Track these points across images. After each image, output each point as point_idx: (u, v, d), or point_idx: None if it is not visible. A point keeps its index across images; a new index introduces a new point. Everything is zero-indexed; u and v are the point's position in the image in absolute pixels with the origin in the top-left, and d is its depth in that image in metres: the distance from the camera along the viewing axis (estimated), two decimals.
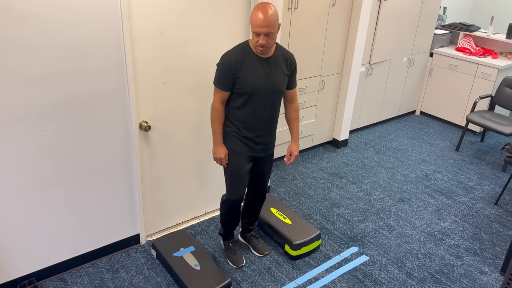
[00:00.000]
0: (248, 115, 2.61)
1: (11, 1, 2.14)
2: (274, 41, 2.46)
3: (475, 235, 3.54)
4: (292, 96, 2.76)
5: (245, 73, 2.51)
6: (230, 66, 2.50)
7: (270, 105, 2.63)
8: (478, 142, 5.17)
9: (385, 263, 3.18)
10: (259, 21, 2.36)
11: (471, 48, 5.35)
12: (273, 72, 2.57)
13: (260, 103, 2.59)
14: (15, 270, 2.71)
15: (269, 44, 2.44)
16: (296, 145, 2.84)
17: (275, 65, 2.57)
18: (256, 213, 3.14)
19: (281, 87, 2.62)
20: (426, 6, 5.08)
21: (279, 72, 2.59)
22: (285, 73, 2.63)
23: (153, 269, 3.00)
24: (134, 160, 2.90)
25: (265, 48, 2.45)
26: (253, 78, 2.52)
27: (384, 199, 3.94)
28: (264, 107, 2.61)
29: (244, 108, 2.60)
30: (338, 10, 4.13)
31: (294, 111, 2.80)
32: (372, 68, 4.89)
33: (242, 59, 2.50)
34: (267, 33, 2.39)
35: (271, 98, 2.61)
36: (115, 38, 2.54)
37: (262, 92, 2.56)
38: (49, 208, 2.68)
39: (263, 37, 2.40)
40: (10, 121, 2.35)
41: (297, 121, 2.83)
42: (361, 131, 5.29)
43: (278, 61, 2.59)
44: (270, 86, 2.57)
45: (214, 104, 2.62)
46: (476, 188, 4.20)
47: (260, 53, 2.51)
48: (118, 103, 2.70)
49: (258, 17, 2.36)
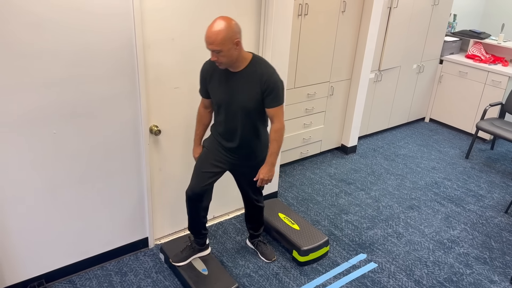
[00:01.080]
0: (220, 124, 2.64)
1: (26, 6, 2.17)
2: (228, 58, 2.34)
3: (485, 244, 3.51)
4: (271, 115, 2.53)
5: (212, 84, 2.53)
6: (203, 75, 2.58)
7: (240, 120, 2.55)
8: (488, 150, 5.13)
9: (393, 271, 3.16)
10: (206, 37, 2.29)
11: (481, 55, 5.33)
12: (238, 88, 2.47)
13: (229, 116, 2.56)
14: (25, 272, 2.73)
15: (221, 61, 2.34)
16: (265, 168, 2.63)
17: (243, 81, 2.46)
18: (256, 221, 3.12)
19: (247, 105, 2.48)
20: (436, 13, 5.08)
21: (246, 89, 2.46)
22: (256, 91, 2.46)
23: (161, 272, 3.01)
24: (144, 163, 2.92)
25: (221, 64, 2.38)
26: (218, 91, 2.52)
27: (393, 206, 3.92)
28: (234, 121, 2.56)
29: (217, 117, 2.65)
30: (348, 17, 4.14)
31: (272, 132, 2.57)
32: (382, 74, 4.88)
33: (212, 71, 2.52)
34: (214, 50, 2.29)
35: (239, 113, 2.53)
36: (127, 43, 2.57)
37: (227, 105, 2.52)
38: (59, 211, 2.70)
39: (212, 53, 2.32)
40: (22, 124, 2.38)
41: (274, 143, 2.57)
42: (370, 137, 5.28)
43: (249, 77, 2.45)
44: (233, 102, 2.50)
45: (198, 107, 2.77)
46: (486, 196, 4.17)
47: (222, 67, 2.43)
48: (129, 107, 2.73)
49: (206, 33, 2.28)
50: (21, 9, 2.16)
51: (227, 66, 2.43)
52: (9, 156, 2.40)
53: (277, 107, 2.51)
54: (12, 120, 2.34)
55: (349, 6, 4.08)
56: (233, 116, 2.56)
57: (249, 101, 2.49)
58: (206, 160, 2.73)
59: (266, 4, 3.07)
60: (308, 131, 4.40)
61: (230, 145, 2.66)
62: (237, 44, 2.33)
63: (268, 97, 2.48)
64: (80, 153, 2.64)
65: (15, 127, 2.36)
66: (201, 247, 3.00)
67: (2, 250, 2.58)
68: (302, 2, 3.72)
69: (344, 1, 4.01)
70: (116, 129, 2.73)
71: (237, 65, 2.44)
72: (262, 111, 2.56)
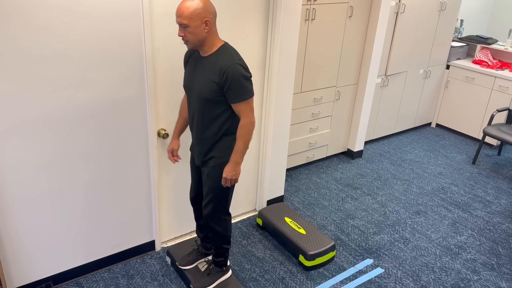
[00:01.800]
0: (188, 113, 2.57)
1: (39, 12, 2.20)
2: (195, 37, 2.23)
3: (492, 250, 3.48)
4: (237, 111, 2.36)
5: (185, 69, 2.50)
6: (184, 60, 2.55)
7: (198, 109, 2.40)
8: (495, 156, 5.11)
9: (400, 276, 3.15)
10: (176, 10, 2.23)
11: (488, 61, 5.32)
12: (200, 74, 2.36)
13: (190, 104, 2.48)
14: (33, 274, 2.75)
15: (187, 38, 2.24)
16: (228, 166, 2.42)
17: (204, 67, 2.34)
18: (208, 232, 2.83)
19: (203, 94, 2.33)
20: (443, 19, 5.08)
21: (205, 77, 2.33)
22: (213, 80, 2.29)
23: (168, 276, 3.02)
24: (152, 167, 2.94)
25: (187, 43, 2.26)
26: (185, 76, 2.48)
27: (400, 211, 3.91)
28: (192, 109, 2.46)
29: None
30: (355, 22, 4.15)
31: (238, 129, 2.39)
32: (388, 79, 4.88)
33: (189, 55, 2.48)
34: (181, 24, 2.20)
35: (197, 102, 2.38)
36: (137, 47, 2.59)
37: (189, 92, 2.44)
38: (67, 213, 2.72)
39: (180, 28, 2.23)
40: (33, 126, 2.40)
41: (239, 139, 2.37)
42: (376, 142, 5.27)
43: (210, 66, 2.32)
44: (192, 88, 2.40)
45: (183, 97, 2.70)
46: (493, 202, 4.14)
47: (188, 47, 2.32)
48: (138, 110, 2.75)
49: (177, 7, 2.21)
50: (34, 14, 2.19)
51: (194, 47, 2.29)
52: (18, 158, 2.42)
53: (242, 102, 2.31)
54: (22, 123, 2.36)
55: (356, 11, 4.09)
56: (192, 104, 2.44)
57: (204, 90, 2.32)
58: (191, 162, 2.73)
59: (274, 9, 3.08)
60: (314, 135, 4.40)
61: (193, 136, 2.55)
62: (207, 24, 2.22)
63: (229, 92, 2.29)
64: (88, 156, 2.66)
65: (24, 130, 2.39)
66: (208, 250, 3.00)
67: (10, 251, 2.60)
68: (309, 7, 3.73)
69: (351, 6, 4.02)
70: (124, 132, 2.75)
71: (205, 49, 2.32)
72: (223, 105, 2.36)
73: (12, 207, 2.50)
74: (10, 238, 2.57)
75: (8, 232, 2.54)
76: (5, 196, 2.46)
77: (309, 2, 3.71)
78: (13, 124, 2.34)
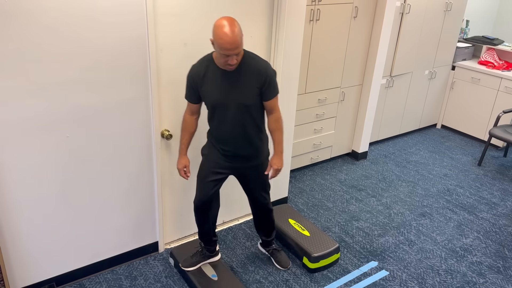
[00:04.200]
0: (217, 127, 2.56)
1: (42, 12, 2.19)
2: (240, 57, 2.35)
3: (498, 253, 3.45)
4: (271, 107, 2.55)
5: (206, 86, 2.44)
6: (193, 79, 2.46)
7: (238, 119, 2.49)
8: (501, 157, 5.06)
9: (405, 279, 3.12)
10: (227, 45, 2.19)
11: (494, 61, 5.27)
12: (237, 86, 2.42)
13: (225, 117, 2.49)
14: (36, 274, 2.74)
15: (238, 60, 2.33)
16: (277, 158, 2.64)
17: (240, 77, 2.41)
18: (267, 226, 3.04)
19: (248, 101, 2.45)
20: (448, 19, 5.04)
21: (245, 85, 2.42)
22: (254, 86, 2.43)
23: (171, 277, 3.01)
24: (155, 168, 2.93)
25: (234, 65, 2.33)
26: (214, 92, 2.43)
27: (405, 213, 3.88)
28: (231, 121, 2.49)
29: (212, 121, 2.57)
30: (360, 22, 4.12)
31: (274, 122, 2.59)
32: (393, 80, 4.85)
33: (204, 72, 2.43)
34: (237, 54, 2.26)
35: (238, 112, 2.47)
36: (141, 47, 2.58)
37: (225, 105, 2.45)
38: (71, 214, 2.72)
39: (233, 57, 2.27)
40: (37, 127, 2.40)
41: (278, 132, 2.61)
42: (381, 143, 5.24)
43: (246, 73, 2.41)
44: (233, 100, 2.44)
45: (184, 114, 2.65)
46: (499, 204, 4.10)
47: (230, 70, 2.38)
48: (141, 111, 2.74)
49: (225, 40, 2.18)
50: (37, 16, 2.18)
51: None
52: (22, 159, 2.42)
53: (275, 97, 2.53)
54: (26, 124, 2.36)
55: (361, 11, 4.06)
56: (232, 116, 2.48)
57: (248, 97, 2.45)
58: (208, 169, 2.68)
59: (278, 9, 3.07)
60: (318, 136, 4.38)
61: (229, 148, 2.59)
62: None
63: (267, 90, 2.47)
64: (91, 157, 2.65)
65: (28, 130, 2.38)
66: (212, 253, 2.99)
67: (13, 252, 2.60)
68: (314, 8, 3.71)
69: (356, 6, 4.00)
70: (128, 133, 2.74)
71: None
72: (260, 107, 2.53)
73: (16, 208, 2.50)
74: (13, 239, 2.56)
75: (11, 233, 2.54)
76: (8, 197, 2.45)
77: (313, 2, 3.69)
78: (18, 126, 2.34)
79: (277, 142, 2.63)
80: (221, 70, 2.42)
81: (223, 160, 2.65)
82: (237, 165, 2.67)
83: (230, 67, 2.33)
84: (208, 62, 2.44)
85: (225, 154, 2.63)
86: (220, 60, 2.32)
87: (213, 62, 2.43)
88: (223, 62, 2.32)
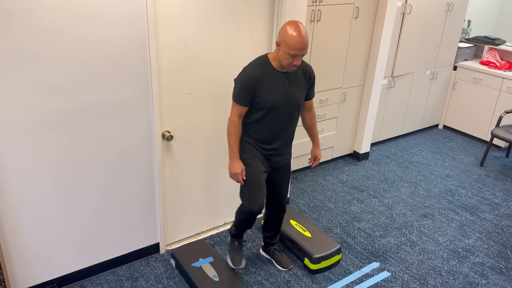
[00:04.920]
0: (265, 128, 2.61)
1: (43, 14, 2.19)
2: None
3: (501, 253, 3.44)
4: (310, 105, 2.79)
5: (264, 88, 2.49)
6: (251, 82, 2.47)
7: (288, 118, 2.62)
8: (503, 158, 5.05)
9: (407, 280, 3.11)
10: (299, 45, 2.33)
11: (496, 62, 5.26)
12: (292, 87, 2.56)
13: (278, 117, 2.58)
14: (38, 276, 2.74)
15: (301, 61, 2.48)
16: (319, 149, 2.91)
17: (294, 79, 2.57)
18: (277, 227, 3.11)
19: (300, 101, 2.62)
20: (450, 19, 5.03)
21: (298, 86, 2.59)
22: (304, 86, 2.62)
23: (172, 278, 3.00)
24: (156, 169, 2.93)
25: (296, 66, 2.46)
26: (272, 94, 2.51)
27: (407, 214, 3.87)
28: (281, 121, 2.61)
29: (261, 122, 2.59)
30: (361, 23, 4.12)
31: (313, 118, 2.83)
32: (395, 80, 4.84)
33: (262, 75, 2.48)
34: (304, 54, 2.39)
35: (290, 112, 2.60)
36: (141, 49, 2.58)
37: (281, 106, 2.55)
38: (72, 216, 2.72)
39: (299, 57, 2.39)
40: (37, 129, 2.40)
41: (316, 127, 2.88)
42: (383, 144, 5.23)
43: (298, 75, 2.58)
44: (289, 101, 2.56)
45: (231, 118, 2.59)
46: (502, 205, 4.09)
47: (291, 71, 2.51)
48: (142, 112, 2.74)
49: (297, 40, 2.32)
50: (37, 16, 2.19)
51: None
52: (23, 161, 2.42)
53: (314, 96, 2.78)
54: (27, 125, 2.36)
55: (362, 12, 4.06)
56: (284, 116, 2.59)
57: (302, 97, 2.63)
58: (259, 171, 2.66)
59: (279, 10, 3.07)
60: (320, 137, 4.37)
61: (274, 146, 2.67)
62: None
63: (311, 89, 2.69)
64: (93, 158, 2.65)
65: (29, 132, 2.38)
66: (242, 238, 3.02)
67: (15, 254, 2.60)
68: (315, 8, 3.71)
69: (357, 7, 4.00)
70: (129, 134, 2.74)
71: None
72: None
73: (17, 210, 2.50)
74: (15, 240, 2.56)
75: (12, 234, 2.54)
76: (10, 198, 2.45)
77: (314, 3, 3.69)
78: (18, 127, 2.34)
79: (317, 135, 2.88)
80: (277, 72, 2.51)
81: (265, 159, 2.71)
82: (276, 163, 2.76)
83: (293, 68, 2.46)
84: (263, 65, 2.50)
85: (267, 153, 2.69)
86: (286, 61, 2.41)
87: (269, 64, 2.50)
88: (288, 63, 2.42)
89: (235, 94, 2.54)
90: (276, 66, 2.50)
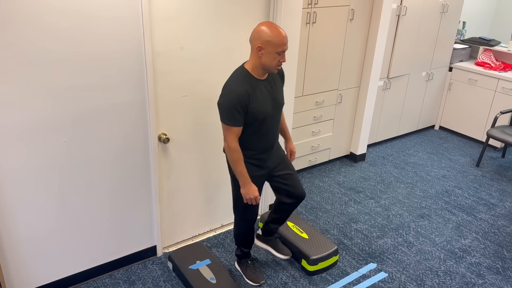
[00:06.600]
0: (259, 139, 2.55)
1: (40, 17, 2.20)
2: None
3: (497, 253, 3.45)
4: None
5: (256, 102, 2.41)
6: (243, 99, 2.35)
7: (277, 122, 2.62)
8: (499, 158, 5.07)
9: (404, 280, 3.12)
10: (284, 39, 2.30)
11: (491, 62, 5.29)
12: (274, 91, 2.54)
13: (270, 124, 2.55)
14: (34, 279, 2.73)
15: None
16: (292, 143, 2.91)
17: (274, 82, 2.55)
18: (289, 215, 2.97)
19: (283, 102, 2.63)
20: (445, 21, 5.06)
21: (278, 88, 2.58)
22: (281, 85, 2.64)
23: (169, 281, 3.00)
24: (152, 171, 2.93)
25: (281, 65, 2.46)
26: (263, 104, 2.44)
27: (403, 215, 3.88)
28: (272, 126, 2.59)
29: (254, 135, 2.51)
30: (356, 25, 4.13)
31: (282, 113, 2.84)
32: (390, 82, 4.86)
33: (250, 88, 2.39)
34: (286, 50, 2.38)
35: (277, 115, 2.59)
36: (137, 52, 2.58)
37: (271, 113, 2.52)
38: (68, 219, 2.71)
39: (283, 55, 2.37)
40: (33, 131, 2.40)
41: (285, 121, 2.97)
42: (379, 145, 5.24)
43: (275, 76, 2.57)
44: (276, 106, 2.55)
45: (230, 144, 2.43)
46: (498, 205, 4.11)
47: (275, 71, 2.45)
48: (138, 115, 2.74)
49: (282, 35, 2.30)
50: (34, 19, 2.19)
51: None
52: (19, 163, 2.42)
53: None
54: (22, 128, 2.36)
55: (357, 14, 4.08)
56: (274, 121, 2.57)
57: (282, 97, 2.62)
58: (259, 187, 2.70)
59: (275, 12, 3.08)
60: (316, 139, 4.38)
61: (268, 152, 2.65)
62: None
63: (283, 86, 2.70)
64: (89, 161, 2.65)
65: (25, 135, 2.38)
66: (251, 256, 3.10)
67: (11, 257, 2.59)
68: (310, 11, 3.72)
69: (352, 9, 4.01)
70: (125, 137, 2.74)
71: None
72: None
73: (13, 213, 2.50)
74: (11, 243, 2.56)
75: (9, 238, 2.54)
76: (6, 201, 2.45)
77: (309, 5, 3.70)
78: (14, 130, 2.34)
79: (287, 129, 2.88)
80: (259, 81, 2.45)
81: (261, 171, 2.66)
82: (273, 164, 2.73)
83: (279, 67, 2.43)
84: (246, 78, 2.40)
85: (261, 164, 2.64)
86: (273, 62, 2.36)
87: (250, 75, 2.41)
88: (275, 64, 2.38)
89: (227, 118, 2.38)
90: (257, 75, 2.43)
